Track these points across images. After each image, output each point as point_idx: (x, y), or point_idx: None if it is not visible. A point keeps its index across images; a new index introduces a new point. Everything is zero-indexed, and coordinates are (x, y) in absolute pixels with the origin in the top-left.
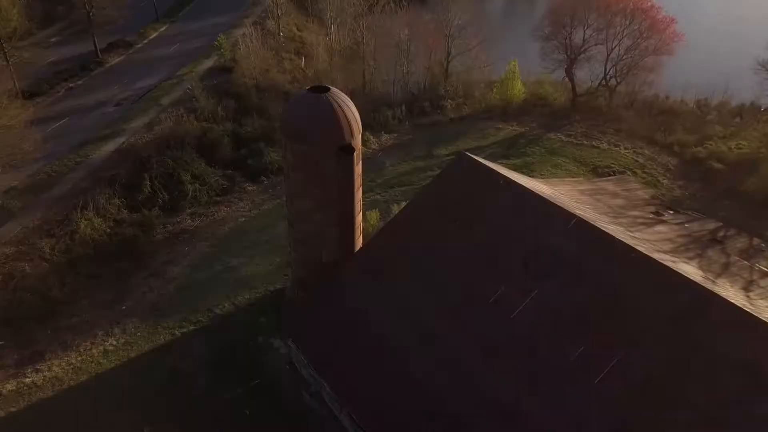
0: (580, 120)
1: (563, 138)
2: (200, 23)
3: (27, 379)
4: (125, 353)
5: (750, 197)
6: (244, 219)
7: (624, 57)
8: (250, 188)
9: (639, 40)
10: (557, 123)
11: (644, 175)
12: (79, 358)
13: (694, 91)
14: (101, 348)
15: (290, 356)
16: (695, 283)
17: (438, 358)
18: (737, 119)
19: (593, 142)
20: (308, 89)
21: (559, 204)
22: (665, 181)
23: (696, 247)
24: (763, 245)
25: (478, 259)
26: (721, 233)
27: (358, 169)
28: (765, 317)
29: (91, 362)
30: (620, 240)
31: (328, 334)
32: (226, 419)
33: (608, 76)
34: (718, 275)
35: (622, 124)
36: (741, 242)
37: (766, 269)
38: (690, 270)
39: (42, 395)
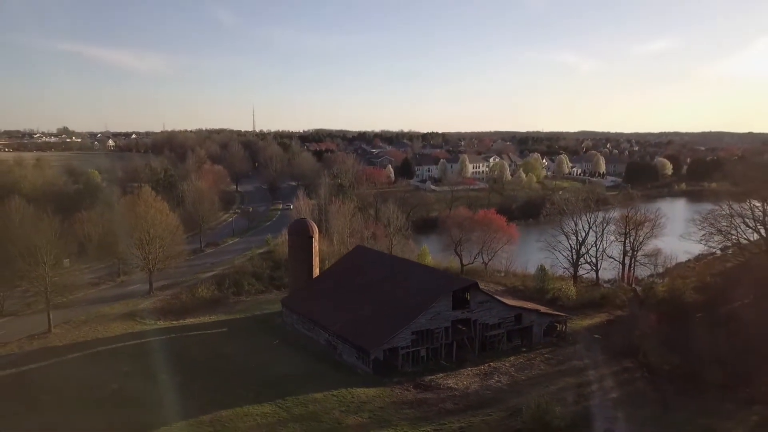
0: (464, 276)
1: None
2: (257, 237)
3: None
4: (224, 318)
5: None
6: (271, 298)
7: (489, 244)
8: (275, 291)
9: (495, 236)
10: None
11: None
12: (207, 318)
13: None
14: (214, 318)
15: (284, 318)
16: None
17: (336, 304)
18: None
19: None
20: (297, 219)
21: (396, 257)
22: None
23: None
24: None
25: (358, 276)
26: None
27: (316, 248)
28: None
29: (208, 319)
30: (410, 260)
31: (298, 303)
32: (259, 331)
33: (481, 255)
34: None
35: (486, 277)
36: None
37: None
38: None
39: (188, 326)
